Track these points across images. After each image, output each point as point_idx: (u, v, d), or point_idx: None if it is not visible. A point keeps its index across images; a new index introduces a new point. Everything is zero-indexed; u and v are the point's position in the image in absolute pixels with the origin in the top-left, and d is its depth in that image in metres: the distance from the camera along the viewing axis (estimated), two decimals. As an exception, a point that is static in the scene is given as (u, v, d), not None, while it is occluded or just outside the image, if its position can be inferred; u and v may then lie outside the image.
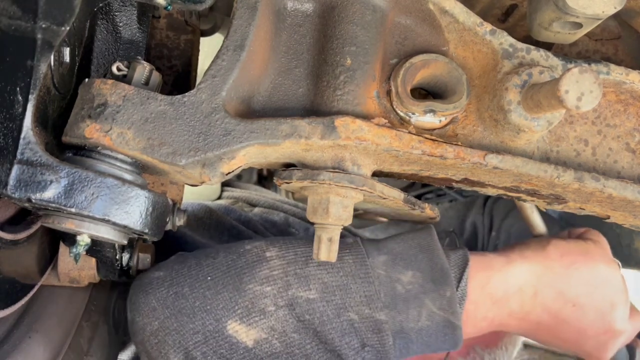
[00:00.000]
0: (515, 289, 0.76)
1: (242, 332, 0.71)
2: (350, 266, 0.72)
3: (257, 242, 0.76)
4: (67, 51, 0.58)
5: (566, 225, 1.28)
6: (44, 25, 0.50)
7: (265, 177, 2.33)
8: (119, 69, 0.59)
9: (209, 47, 0.99)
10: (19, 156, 0.50)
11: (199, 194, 1.43)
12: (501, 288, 0.76)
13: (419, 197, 1.86)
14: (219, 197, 1.42)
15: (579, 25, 0.61)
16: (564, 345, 0.83)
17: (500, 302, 0.76)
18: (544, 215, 1.26)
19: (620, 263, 0.84)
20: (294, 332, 0.71)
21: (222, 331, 0.71)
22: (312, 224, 0.66)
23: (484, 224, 1.27)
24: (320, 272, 0.72)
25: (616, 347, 0.81)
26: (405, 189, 1.60)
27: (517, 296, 0.77)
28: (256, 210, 1.25)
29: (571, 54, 0.80)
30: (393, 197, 0.67)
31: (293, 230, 1.18)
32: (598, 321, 0.77)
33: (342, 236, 0.76)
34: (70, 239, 0.71)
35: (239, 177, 2.23)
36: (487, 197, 1.30)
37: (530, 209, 0.88)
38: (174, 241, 1.03)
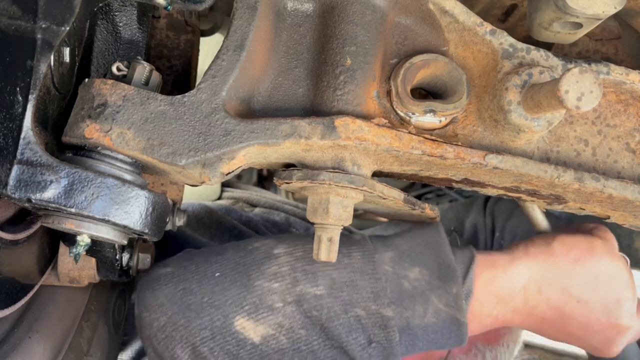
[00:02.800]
0: (519, 286, 0.76)
1: (250, 328, 0.71)
2: (358, 262, 0.72)
3: (266, 240, 0.77)
4: (67, 51, 0.58)
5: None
6: (44, 25, 0.50)
7: (265, 177, 2.33)
8: (119, 69, 0.59)
9: (209, 47, 0.99)
10: (19, 156, 0.50)
11: (199, 194, 1.43)
12: (506, 286, 0.76)
13: (419, 197, 1.87)
14: (219, 198, 1.42)
15: (579, 26, 0.61)
16: (569, 340, 0.82)
17: (505, 300, 0.77)
18: (548, 213, 1.26)
19: (628, 259, 0.83)
20: (301, 329, 0.71)
21: (229, 327, 0.71)
22: (313, 224, 0.66)
23: (486, 224, 1.26)
24: (328, 268, 0.72)
25: (624, 342, 0.80)
26: (405, 189, 1.61)
27: (522, 293, 0.77)
28: (257, 210, 1.25)
29: (571, 54, 0.80)
30: (393, 197, 0.67)
31: (294, 230, 1.18)
32: (604, 317, 0.77)
33: (349, 232, 0.76)
34: (70, 239, 0.71)
35: (239, 177, 2.23)
36: (487, 198, 1.29)
37: (532, 206, 0.87)
38: (174, 241, 1.03)
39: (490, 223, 1.25)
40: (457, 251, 0.77)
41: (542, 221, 0.87)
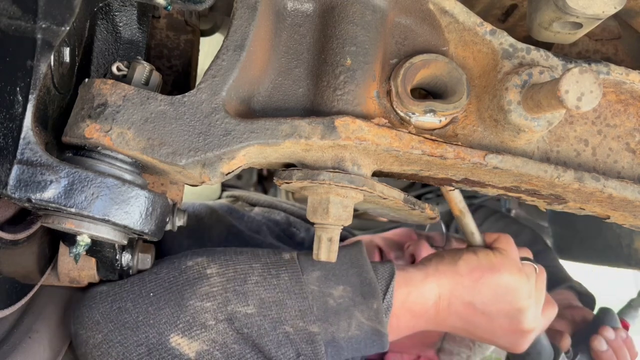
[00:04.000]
0: (431, 302, 0.84)
1: (185, 345, 0.74)
2: (286, 283, 0.77)
3: (199, 259, 0.79)
4: (67, 51, 0.58)
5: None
6: (44, 26, 0.50)
7: (265, 178, 2.33)
8: (118, 69, 0.58)
9: (209, 47, 0.99)
10: (19, 156, 0.50)
11: (198, 194, 1.44)
12: (419, 302, 0.83)
13: (419, 197, 1.87)
14: (219, 198, 1.42)
15: (579, 25, 0.61)
16: (480, 341, 0.93)
17: (419, 314, 0.84)
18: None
19: (535, 266, 0.89)
20: (234, 344, 0.75)
21: (165, 344, 0.73)
22: (312, 224, 0.66)
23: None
24: (258, 288, 0.76)
25: (529, 340, 0.89)
26: (405, 189, 1.63)
27: (433, 308, 0.84)
28: (256, 209, 1.26)
29: (571, 54, 0.80)
30: (393, 197, 0.67)
31: (294, 230, 1.19)
32: (506, 324, 0.85)
33: (280, 252, 0.80)
34: (70, 239, 0.71)
35: (239, 177, 2.23)
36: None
37: (467, 221, 0.92)
38: (170, 246, 1.04)
39: None
40: (380, 267, 0.83)
41: (475, 235, 0.93)
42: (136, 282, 0.77)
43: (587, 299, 1.34)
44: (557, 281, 1.34)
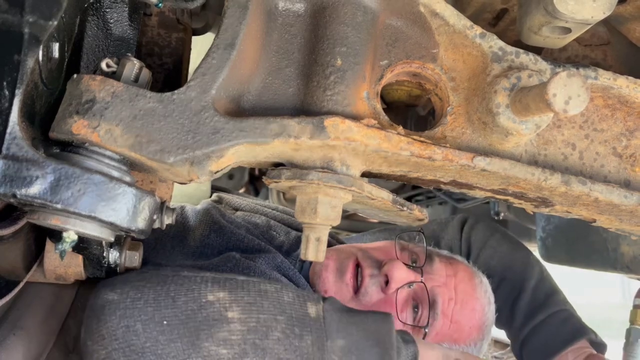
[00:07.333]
0: None
1: None
2: (308, 347, 0.76)
3: (220, 294, 0.76)
4: (56, 47, 0.58)
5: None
6: (31, 20, 0.49)
7: (257, 178, 2.33)
8: (108, 66, 0.58)
9: (202, 46, 0.98)
10: (4, 151, 0.50)
11: (189, 196, 1.43)
12: None
13: (409, 199, 1.87)
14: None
15: (568, 30, 0.62)
16: None
17: None
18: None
19: None
20: None
21: None
22: (294, 229, 0.65)
23: (462, 250, 1.28)
24: (278, 347, 0.74)
25: None
26: (396, 191, 1.61)
27: None
28: (238, 213, 1.26)
29: (560, 58, 0.80)
30: (381, 198, 0.67)
31: (274, 233, 1.18)
32: None
33: (306, 302, 0.77)
34: (56, 235, 0.70)
35: (230, 177, 2.23)
36: (464, 221, 1.32)
37: None
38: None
39: (466, 249, 1.27)
40: (403, 348, 0.82)
41: None
42: (150, 302, 0.74)
43: (601, 347, 1.24)
44: (578, 333, 1.19)
